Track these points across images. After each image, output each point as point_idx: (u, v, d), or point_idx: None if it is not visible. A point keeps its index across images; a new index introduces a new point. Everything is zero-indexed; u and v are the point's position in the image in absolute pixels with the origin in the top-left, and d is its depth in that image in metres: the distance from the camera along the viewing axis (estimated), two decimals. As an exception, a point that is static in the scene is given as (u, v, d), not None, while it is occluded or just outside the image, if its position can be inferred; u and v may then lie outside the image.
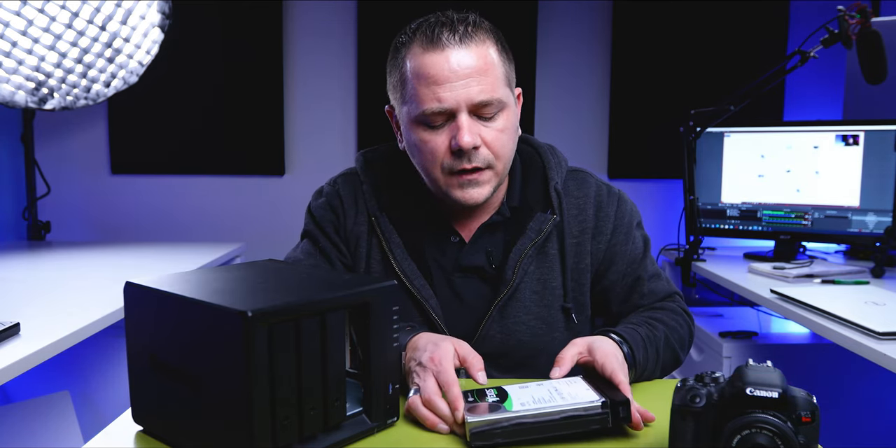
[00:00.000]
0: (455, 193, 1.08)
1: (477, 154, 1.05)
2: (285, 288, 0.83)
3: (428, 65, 1.03)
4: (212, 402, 0.75)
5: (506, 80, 1.07)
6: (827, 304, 1.55)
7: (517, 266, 1.11)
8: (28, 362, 1.15)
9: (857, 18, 1.93)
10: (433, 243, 1.16)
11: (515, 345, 1.13)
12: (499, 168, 1.08)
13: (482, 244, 1.15)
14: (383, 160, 1.21)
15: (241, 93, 2.81)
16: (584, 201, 1.17)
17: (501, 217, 1.16)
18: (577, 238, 1.16)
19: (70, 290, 1.69)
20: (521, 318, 1.13)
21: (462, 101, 1.02)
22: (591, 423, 0.80)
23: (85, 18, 2.08)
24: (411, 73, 1.05)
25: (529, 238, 1.13)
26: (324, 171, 2.86)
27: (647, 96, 2.86)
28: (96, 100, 2.20)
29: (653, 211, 2.91)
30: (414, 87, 1.05)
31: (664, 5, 2.81)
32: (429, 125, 1.06)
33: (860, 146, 2.13)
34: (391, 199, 1.17)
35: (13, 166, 2.67)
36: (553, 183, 1.16)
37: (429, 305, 1.11)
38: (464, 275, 1.15)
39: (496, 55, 1.06)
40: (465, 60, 1.02)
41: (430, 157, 1.07)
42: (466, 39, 1.03)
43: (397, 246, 1.14)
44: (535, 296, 1.14)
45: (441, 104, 1.02)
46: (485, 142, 1.05)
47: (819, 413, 0.70)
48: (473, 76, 1.02)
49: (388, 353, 0.85)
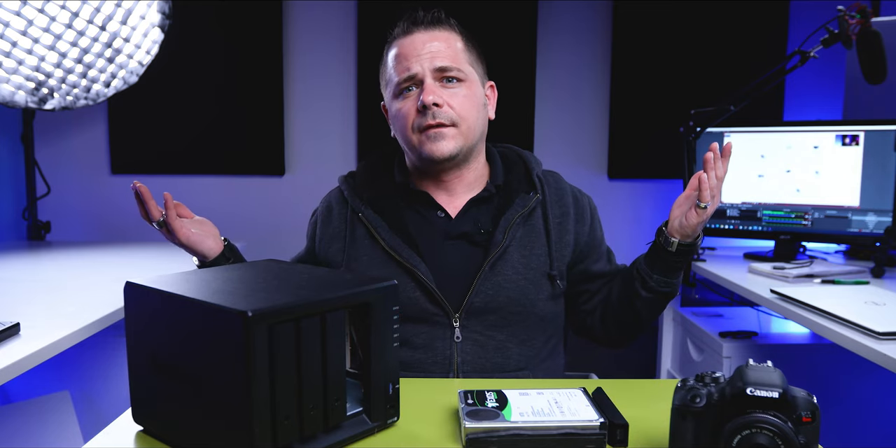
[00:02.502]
0: (424, 148, 1.22)
1: (440, 111, 1.20)
2: (285, 288, 0.83)
3: (400, 47, 1.25)
4: (212, 402, 0.75)
5: (469, 60, 1.26)
6: (827, 304, 1.55)
7: (507, 229, 1.23)
8: (28, 362, 1.15)
9: (857, 18, 1.93)
10: (419, 220, 1.28)
11: (504, 301, 1.22)
12: (462, 127, 1.23)
13: (470, 215, 1.28)
14: (364, 166, 1.37)
15: (241, 93, 2.81)
16: (561, 192, 1.32)
17: (488, 193, 1.29)
18: (559, 218, 1.29)
19: (70, 290, 1.69)
20: (510, 277, 1.23)
21: (426, 67, 1.21)
22: (588, 443, 0.81)
23: (85, 18, 2.08)
24: (390, 59, 1.27)
25: (516, 210, 1.26)
26: (324, 171, 2.87)
27: (647, 96, 2.86)
28: (96, 100, 2.20)
29: (653, 211, 2.91)
30: (391, 68, 1.26)
31: (664, 5, 2.81)
32: (403, 95, 1.24)
33: (860, 146, 2.13)
34: (373, 193, 1.30)
35: (13, 166, 2.67)
36: (535, 171, 1.32)
37: (419, 271, 1.21)
38: (452, 241, 1.26)
39: (460, 43, 1.26)
40: (429, 39, 1.23)
41: (404, 121, 1.24)
42: (431, 26, 1.25)
43: (382, 228, 1.25)
44: (523, 259, 1.24)
45: (409, 71, 1.22)
46: (448, 103, 1.21)
47: (819, 413, 0.71)
48: (436, 49, 1.22)
49: (388, 353, 0.85)
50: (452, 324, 1.21)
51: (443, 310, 1.21)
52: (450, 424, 0.88)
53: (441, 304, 1.20)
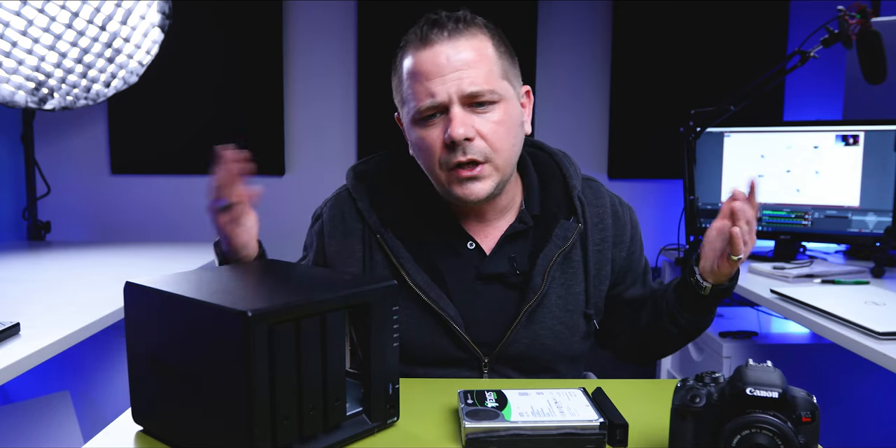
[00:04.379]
0: (456, 190, 1.06)
1: (472, 146, 1.03)
2: (285, 288, 0.83)
3: (419, 62, 1.04)
4: (212, 402, 0.75)
5: (502, 72, 1.07)
6: (827, 304, 1.55)
7: (547, 272, 1.10)
8: (28, 362, 1.15)
9: (857, 18, 1.93)
10: (446, 252, 1.14)
11: (540, 349, 1.12)
12: (498, 162, 1.06)
13: (505, 251, 1.14)
14: (378, 172, 1.19)
15: (240, 93, 2.81)
16: (602, 210, 1.17)
17: (524, 225, 1.14)
18: (598, 245, 1.16)
19: (70, 290, 1.69)
20: (548, 323, 1.12)
21: (453, 93, 1.02)
22: (587, 443, 0.81)
23: (85, 18, 2.08)
24: (406, 74, 1.07)
25: (557, 245, 1.11)
26: (324, 171, 2.88)
27: (647, 96, 2.86)
28: (96, 100, 2.20)
29: (653, 211, 2.91)
30: (409, 87, 1.06)
31: (664, 5, 2.81)
32: (426, 122, 1.06)
33: (860, 146, 2.12)
34: (394, 212, 1.14)
35: (13, 166, 2.67)
36: (576, 191, 1.16)
37: (448, 315, 1.09)
38: (485, 282, 1.13)
39: (490, 49, 1.06)
40: (455, 54, 1.03)
41: (429, 154, 1.06)
42: (456, 34, 1.04)
43: (407, 260, 1.11)
44: (561, 301, 1.13)
45: (433, 99, 1.03)
46: (480, 134, 1.04)
47: (819, 413, 0.71)
48: (463, 68, 1.03)
49: (388, 353, 0.85)
50: (482, 368, 1.11)
51: (472, 355, 1.11)
52: (450, 424, 0.88)
53: (470, 351, 1.10)
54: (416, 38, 1.05)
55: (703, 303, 1.09)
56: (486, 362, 1.11)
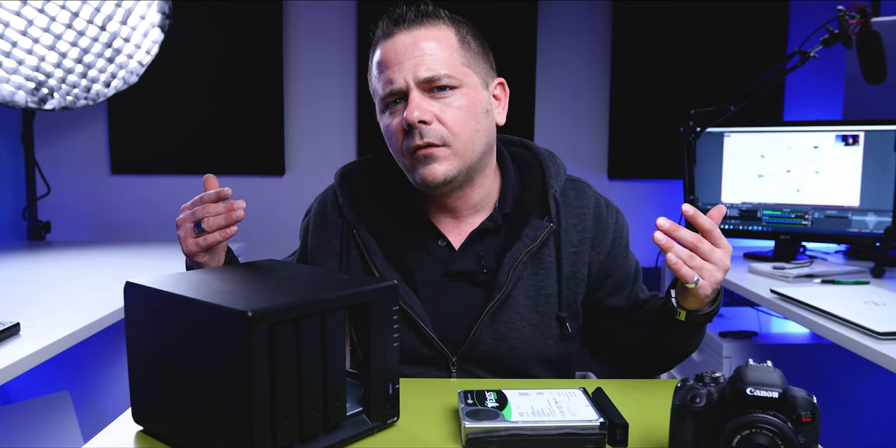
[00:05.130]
0: (416, 173, 1.07)
1: (429, 130, 1.04)
2: (285, 288, 0.83)
3: (381, 53, 1.08)
4: (212, 402, 0.75)
5: (463, 60, 1.08)
6: (827, 304, 1.55)
7: (511, 271, 1.09)
8: (28, 362, 1.15)
9: (857, 18, 1.93)
10: (418, 249, 1.14)
11: (507, 350, 1.11)
12: (458, 146, 1.06)
13: (473, 249, 1.13)
14: (363, 171, 1.22)
15: (241, 93, 2.81)
16: (583, 211, 1.16)
17: (493, 223, 1.14)
18: (575, 247, 1.14)
19: (70, 290, 1.69)
20: (514, 325, 1.11)
21: (410, 78, 1.05)
22: (587, 443, 0.81)
23: (85, 18, 2.08)
24: (373, 66, 1.11)
25: (525, 244, 1.11)
26: (324, 171, 2.86)
27: (647, 96, 2.86)
28: (96, 100, 2.21)
29: (653, 211, 2.91)
30: (375, 78, 1.10)
31: (664, 5, 2.81)
32: (389, 110, 1.09)
33: (860, 146, 2.12)
34: (369, 209, 1.16)
35: (13, 166, 2.67)
36: (552, 190, 1.15)
37: (413, 311, 1.09)
38: (452, 280, 1.13)
39: (452, 39, 1.08)
40: (411, 41, 1.06)
41: (393, 141, 1.09)
42: (415, 24, 1.07)
43: (377, 255, 1.12)
44: (529, 302, 1.12)
45: (392, 85, 1.06)
46: (438, 118, 1.05)
47: (819, 413, 0.70)
48: (419, 55, 1.05)
49: (388, 353, 0.85)
50: (450, 367, 1.11)
51: (439, 353, 1.10)
52: (450, 424, 0.88)
53: (437, 349, 1.10)
54: (381, 32, 1.09)
55: (681, 330, 1.04)
56: (454, 361, 1.10)
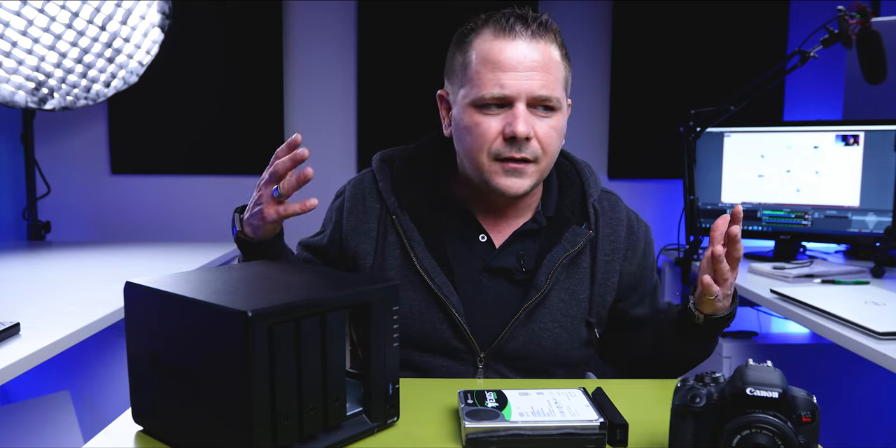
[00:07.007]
0: (497, 180, 1.08)
1: (528, 145, 1.06)
2: (285, 288, 0.83)
3: (496, 50, 1.06)
4: (212, 402, 0.75)
5: (564, 83, 1.11)
6: (827, 304, 1.55)
7: (551, 272, 1.12)
8: (28, 362, 1.15)
9: (857, 18, 1.93)
10: (458, 241, 1.16)
11: (536, 350, 1.13)
12: (542, 164, 1.09)
13: (514, 248, 1.15)
14: (404, 160, 1.21)
15: (241, 93, 2.81)
16: (616, 223, 1.19)
17: (537, 225, 1.16)
18: (608, 256, 1.17)
19: (70, 290, 1.69)
20: (547, 325, 1.13)
21: (523, 91, 1.05)
22: (587, 443, 0.81)
23: (85, 18, 2.08)
24: (477, 56, 1.07)
25: (564, 248, 1.13)
26: (324, 171, 2.87)
27: (647, 96, 2.86)
28: (96, 100, 2.21)
29: (653, 211, 2.91)
30: (477, 71, 1.07)
31: (664, 5, 2.81)
32: (485, 109, 1.07)
33: (860, 146, 2.13)
34: (412, 197, 1.16)
35: (13, 166, 2.67)
36: (592, 199, 1.18)
37: (450, 302, 1.10)
38: (490, 276, 1.15)
39: (558, 57, 1.09)
40: (533, 54, 1.05)
41: (480, 141, 1.08)
42: (537, 35, 1.06)
43: (418, 243, 1.13)
44: (563, 305, 1.14)
45: (502, 90, 1.05)
46: (537, 135, 1.07)
47: (819, 413, 0.71)
48: (538, 70, 1.05)
49: (388, 353, 0.85)
50: (476, 363, 1.12)
51: (469, 347, 1.11)
52: (450, 424, 0.88)
53: (468, 342, 1.11)
54: (498, 25, 1.07)
55: (698, 334, 1.09)
56: (482, 357, 1.11)
